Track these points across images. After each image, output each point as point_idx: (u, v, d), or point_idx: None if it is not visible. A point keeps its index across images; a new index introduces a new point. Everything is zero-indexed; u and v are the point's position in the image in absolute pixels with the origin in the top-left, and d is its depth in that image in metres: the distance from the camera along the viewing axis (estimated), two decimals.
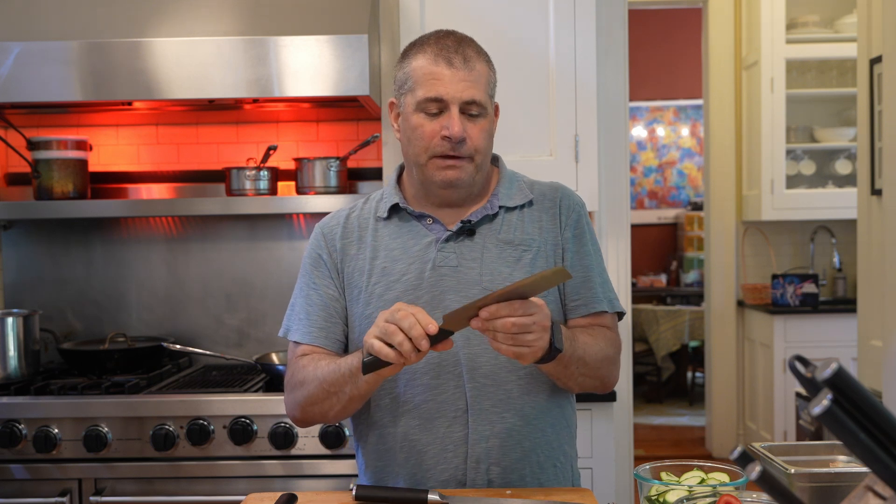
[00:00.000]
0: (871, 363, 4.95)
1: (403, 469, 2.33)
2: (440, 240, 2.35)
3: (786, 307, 6.87)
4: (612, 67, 4.15)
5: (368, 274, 2.37)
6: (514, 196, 2.41)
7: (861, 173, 5.33)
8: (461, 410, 2.29)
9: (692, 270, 10.47)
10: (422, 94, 2.28)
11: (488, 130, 2.34)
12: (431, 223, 2.38)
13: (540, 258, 2.36)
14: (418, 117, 2.29)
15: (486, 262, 2.33)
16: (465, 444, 2.29)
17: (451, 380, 2.29)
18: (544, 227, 2.40)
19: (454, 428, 2.29)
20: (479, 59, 2.33)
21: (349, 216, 2.48)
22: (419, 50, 2.33)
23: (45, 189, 3.94)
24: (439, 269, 2.32)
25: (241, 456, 3.36)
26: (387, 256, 2.37)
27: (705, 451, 7.81)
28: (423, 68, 2.29)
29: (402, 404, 2.33)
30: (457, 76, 2.26)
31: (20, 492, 3.35)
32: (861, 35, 5.33)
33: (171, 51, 3.48)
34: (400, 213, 2.42)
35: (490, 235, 2.36)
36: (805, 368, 1.17)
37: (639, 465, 2.08)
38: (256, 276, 4.18)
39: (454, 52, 2.29)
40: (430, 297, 2.30)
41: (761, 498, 1.84)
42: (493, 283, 2.29)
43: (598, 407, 3.54)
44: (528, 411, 2.33)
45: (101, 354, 3.86)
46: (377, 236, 2.41)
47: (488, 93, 2.33)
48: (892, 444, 1.14)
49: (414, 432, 2.32)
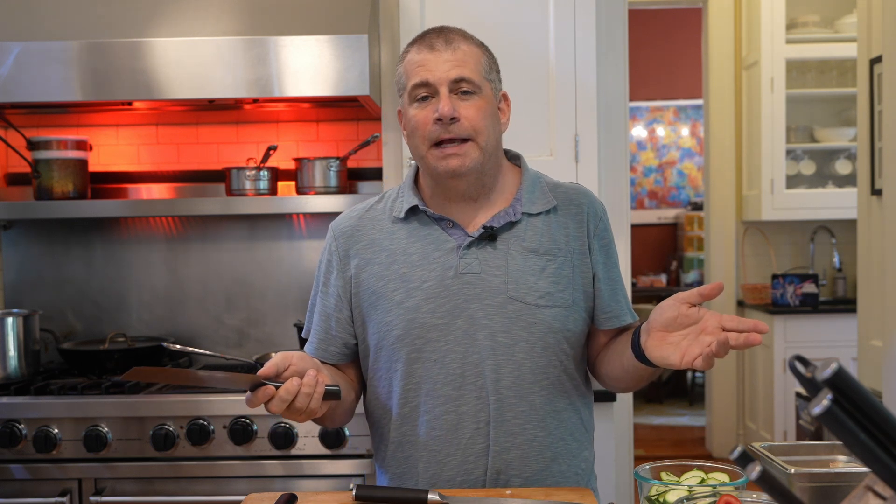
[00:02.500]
0: (871, 363, 4.95)
1: (423, 478, 2.30)
2: (462, 246, 2.28)
3: (786, 307, 6.87)
4: (612, 67, 4.15)
5: (387, 279, 2.30)
6: (536, 201, 2.33)
7: (861, 173, 5.33)
8: (483, 422, 2.25)
9: (692, 270, 10.47)
10: (410, 83, 2.24)
11: (486, 110, 2.25)
12: (451, 227, 2.31)
13: (566, 267, 2.30)
14: (413, 108, 2.25)
15: (510, 271, 2.26)
16: (486, 455, 2.26)
17: (473, 391, 2.25)
18: (571, 235, 2.33)
19: (476, 439, 2.26)
20: (466, 41, 2.28)
21: (363, 216, 2.40)
22: (408, 48, 2.31)
23: (46, 189, 3.94)
24: (462, 276, 2.26)
25: (241, 456, 3.36)
26: (405, 262, 2.29)
27: (705, 451, 7.81)
28: (411, 61, 2.26)
29: (422, 413, 2.29)
30: (440, 58, 2.22)
31: (20, 492, 3.36)
32: (861, 35, 5.33)
33: (172, 51, 3.48)
34: (418, 215, 2.33)
35: (514, 242, 2.29)
36: (805, 368, 1.16)
37: (639, 465, 2.07)
38: (256, 276, 4.18)
39: (436, 37, 2.26)
40: (453, 306, 2.25)
41: (761, 498, 1.84)
42: (519, 291, 2.25)
43: (599, 407, 3.52)
44: (550, 422, 2.30)
45: (101, 354, 3.86)
46: (394, 239, 2.33)
47: (482, 73, 2.26)
48: (892, 444, 1.14)
49: (434, 443, 2.28)
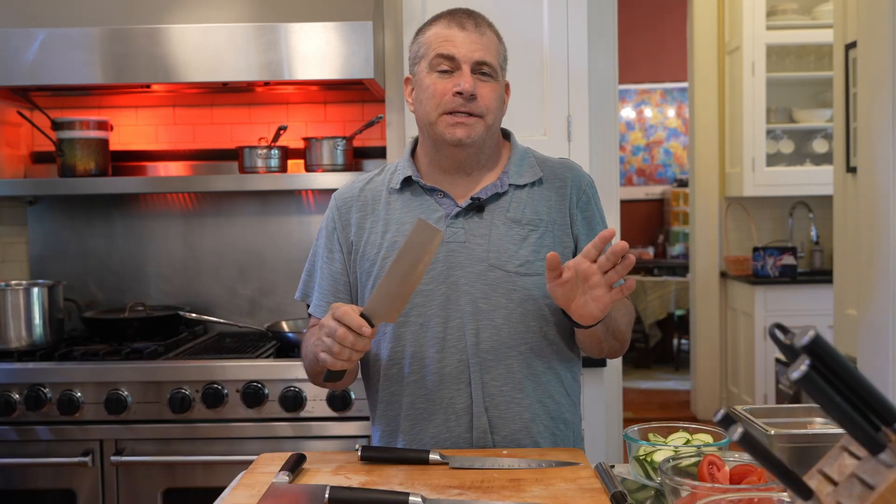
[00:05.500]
0: (847, 331, 4.95)
1: (408, 436, 2.31)
2: (450, 215, 2.30)
3: (766, 278, 6.88)
4: (603, 52, 4.14)
5: (379, 247, 2.32)
6: (524, 174, 2.35)
7: (837, 152, 5.33)
8: (464, 384, 2.26)
9: (678, 243, 10.47)
10: (434, 53, 2.26)
11: (499, 94, 2.30)
12: (442, 197, 2.33)
13: (547, 237, 2.31)
14: (431, 77, 2.26)
15: (493, 240, 2.28)
16: (469, 414, 2.27)
17: (454, 354, 2.27)
18: (552, 206, 2.34)
19: (457, 399, 2.27)
20: (491, 29, 2.32)
21: (364, 188, 2.42)
22: (433, 22, 2.33)
23: (69, 167, 3.94)
24: (448, 244, 2.28)
25: (253, 418, 3.37)
26: (397, 230, 2.31)
27: (690, 414, 7.82)
28: (438, 34, 2.28)
29: (408, 374, 2.30)
30: (469, 38, 2.25)
31: (46, 451, 3.36)
32: (837, 22, 5.33)
33: (188, 36, 3.48)
34: (412, 186, 2.36)
35: (499, 213, 2.31)
36: (784, 336, 1.16)
37: (628, 427, 2.08)
38: (268, 249, 4.17)
39: (467, 18, 2.29)
40: (437, 273, 2.27)
41: (743, 457, 1.84)
42: (500, 259, 2.26)
43: (590, 372, 3.54)
44: (528, 384, 2.30)
45: (121, 322, 3.87)
46: (389, 209, 2.36)
47: (499, 62, 2.31)
48: (866, 407, 1.14)
49: (419, 402, 2.30)
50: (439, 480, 2.00)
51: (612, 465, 2.06)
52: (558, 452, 2.19)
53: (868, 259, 4.26)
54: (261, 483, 2.00)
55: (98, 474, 3.38)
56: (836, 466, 1.20)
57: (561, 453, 2.18)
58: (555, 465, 2.08)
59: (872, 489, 1.12)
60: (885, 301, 4.08)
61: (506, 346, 2.27)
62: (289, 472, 2.00)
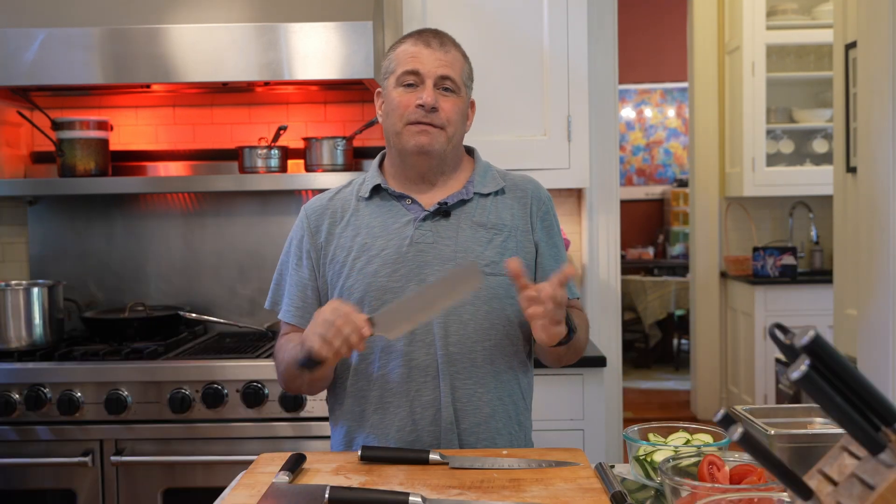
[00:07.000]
0: (847, 331, 4.96)
1: (376, 430, 2.36)
2: (418, 219, 2.38)
3: (766, 278, 6.87)
4: (603, 52, 4.14)
5: (349, 250, 2.40)
6: (487, 184, 2.46)
7: (837, 152, 5.33)
8: (431, 376, 2.33)
9: (678, 243, 10.47)
10: (401, 69, 2.37)
11: (461, 108, 2.40)
12: (410, 203, 2.42)
13: (511, 241, 2.41)
14: (397, 90, 2.37)
15: (460, 241, 2.37)
16: (434, 406, 2.32)
17: (422, 347, 2.33)
18: (515, 214, 2.45)
19: (423, 391, 2.33)
20: (456, 48, 2.43)
21: (333, 198, 2.51)
22: (403, 40, 2.44)
23: (69, 167, 3.94)
24: (417, 245, 2.36)
25: (253, 418, 3.37)
26: (368, 234, 2.40)
27: (690, 414, 7.82)
28: (406, 51, 2.39)
29: (377, 369, 2.36)
30: (433, 55, 2.36)
31: (46, 451, 3.37)
32: (837, 22, 5.33)
33: (188, 36, 3.48)
34: (381, 193, 2.45)
35: (465, 217, 2.40)
36: (784, 336, 1.16)
37: (628, 427, 2.08)
38: (267, 249, 4.17)
39: (432, 37, 2.40)
40: (407, 271, 2.34)
41: (743, 457, 1.84)
42: (467, 259, 2.34)
43: (590, 372, 3.54)
44: (490, 381, 2.36)
45: (121, 322, 3.87)
46: (359, 215, 2.44)
47: (462, 78, 2.41)
48: (866, 407, 1.14)
49: (387, 395, 2.35)
50: (439, 480, 2.00)
51: (612, 465, 2.06)
52: (558, 452, 2.19)
53: (868, 259, 4.26)
54: (261, 483, 2.00)
55: (98, 474, 3.38)
56: (836, 466, 1.20)
57: (561, 453, 2.18)
58: (554, 465, 2.08)
59: (872, 489, 1.12)
60: (885, 301, 4.08)
61: (471, 340, 2.35)
62: (289, 472, 2.00)
